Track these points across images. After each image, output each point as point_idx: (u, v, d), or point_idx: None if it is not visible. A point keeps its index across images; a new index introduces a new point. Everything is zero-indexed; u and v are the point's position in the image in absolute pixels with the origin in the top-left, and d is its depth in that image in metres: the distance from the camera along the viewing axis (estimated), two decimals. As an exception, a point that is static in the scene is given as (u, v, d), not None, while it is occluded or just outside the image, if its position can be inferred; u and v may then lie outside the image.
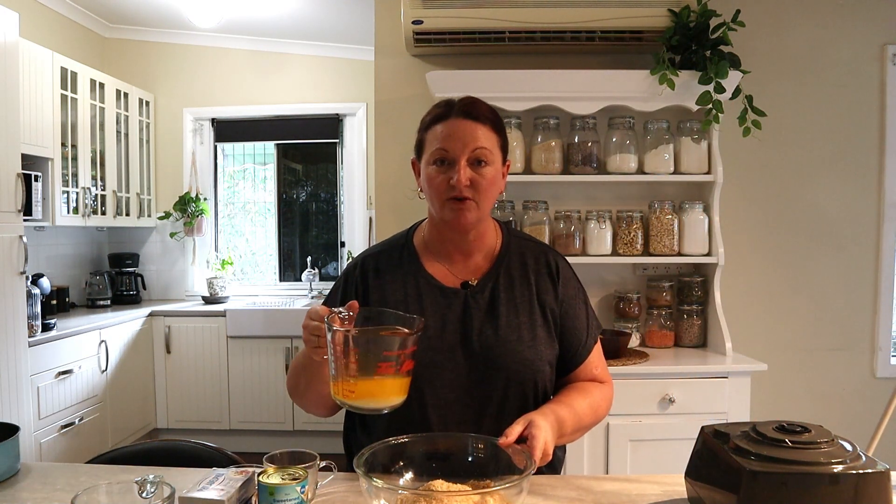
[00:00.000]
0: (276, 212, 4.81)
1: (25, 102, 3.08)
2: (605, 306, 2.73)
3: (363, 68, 4.23)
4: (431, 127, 1.23)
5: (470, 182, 1.19)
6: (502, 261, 1.30)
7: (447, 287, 1.27)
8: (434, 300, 1.25)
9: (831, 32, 2.74)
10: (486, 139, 1.21)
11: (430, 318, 1.23)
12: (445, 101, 1.25)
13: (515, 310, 1.25)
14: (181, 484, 1.03)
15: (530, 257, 1.31)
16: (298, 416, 4.00)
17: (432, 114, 1.25)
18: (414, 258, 1.30)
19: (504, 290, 1.26)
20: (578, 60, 2.67)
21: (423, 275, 1.28)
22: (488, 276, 1.28)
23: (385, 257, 1.32)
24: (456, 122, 1.20)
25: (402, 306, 1.23)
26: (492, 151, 1.21)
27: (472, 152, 1.19)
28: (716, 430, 1.07)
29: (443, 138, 1.20)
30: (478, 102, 1.24)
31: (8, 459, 1.17)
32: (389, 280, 1.28)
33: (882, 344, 2.79)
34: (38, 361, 2.94)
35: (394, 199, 2.77)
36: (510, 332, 1.23)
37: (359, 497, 1.12)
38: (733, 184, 2.64)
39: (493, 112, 1.25)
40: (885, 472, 0.93)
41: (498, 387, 1.21)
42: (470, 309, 1.25)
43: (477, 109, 1.22)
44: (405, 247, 1.32)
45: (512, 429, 1.05)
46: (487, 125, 1.22)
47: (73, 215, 3.63)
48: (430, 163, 1.22)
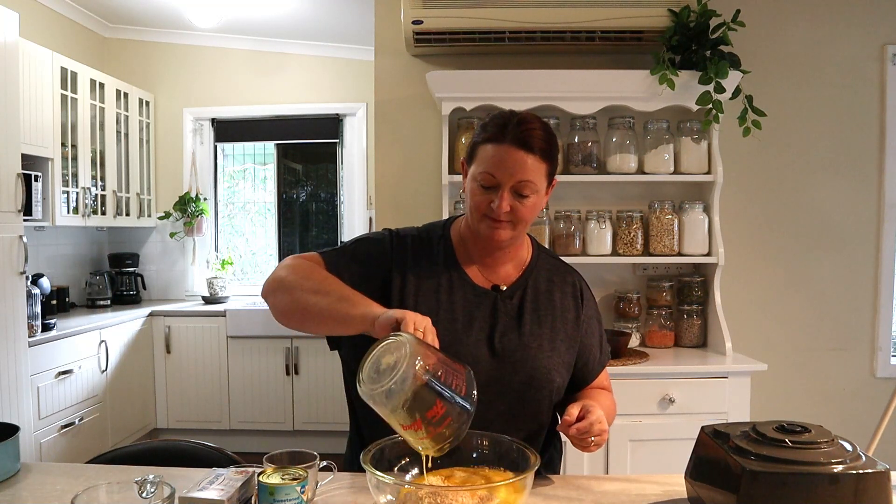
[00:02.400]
0: (276, 212, 4.81)
1: (25, 102, 3.08)
2: (605, 306, 2.73)
3: (363, 68, 4.23)
4: (484, 144, 1.22)
5: (510, 209, 1.21)
6: (531, 273, 1.33)
7: (479, 286, 1.30)
8: (465, 296, 1.28)
9: (831, 32, 2.74)
10: (533, 170, 1.19)
11: (460, 312, 1.26)
12: (503, 120, 1.21)
13: (539, 321, 1.29)
14: (181, 484, 1.04)
15: (556, 275, 1.35)
16: (298, 416, 4.00)
17: (488, 130, 1.22)
18: (450, 252, 1.32)
19: (530, 301, 1.30)
20: (578, 60, 2.67)
21: (457, 270, 1.30)
22: (517, 284, 1.31)
23: (424, 244, 1.33)
24: (507, 149, 1.18)
25: (434, 295, 1.26)
26: (536, 183, 1.20)
27: (517, 183, 1.19)
28: (716, 430, 1.07)
29: (492, 163, 1.20)
30: (533, 130, 1.19)
31: (8, 459, 1.17)
32: (426, 267, 1.29)
33: (882, 344, 2.79)
34: (38, 361, 2.94)
35: (394, 199, 2.77)
36: (532, 339, 1.26)
37: (359, 497, 1.12)
38: (733, 184, 2.64)
39: (547, 140, 1.21)
40: (885, 472, 0.93)
41: (513, 388, 1.24)
42: (497, 311, 1.27)
43: (531, 139, 1.19)
44: (443, 238, 1.34)
45: (570, 410, 1.13)
46: (538, 155, 1.19)
47: (73, 215, 3.63)
48: (476, 179, 1.23)
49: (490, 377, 1.22)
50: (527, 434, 1.25)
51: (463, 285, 1.29)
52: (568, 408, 1.14)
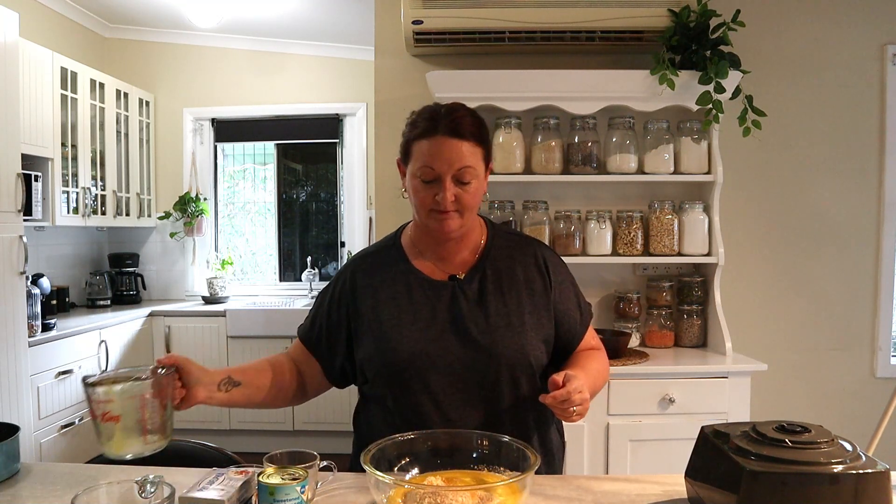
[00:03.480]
0: (276, 212, 4.81)
1: (25, 102, 3.08)
2: (605, 306, 2.73)
3: (363, 68, 4.23)
4: (417, 140, 1.24)
5: (455, 198, 1.23)
6: (488, 254, 1.35)
7: (435, 280, 1.32)
8: (423, 293, 1.31)
9: (831, 32, 2.74)
10: (470, 156, 1.23)
11: (421, 309, 1.29)
12: (430, 114, 1.25)
13: (503, 299, 1.30)
14: (181, 484, 1.04)
15: (516, 251, 1.36)
16: (298, 416, 4.00)
17: (419, 126, 1.25)
18: (402, 257, 1.36)
19: (491, 282, 1.31)
20: (578, 60, 2.67)
21: (411, 271, 1.33)
22: (475, 269, 1.33)
23: (376, 258, 1.38)
24: (441, 140, 1.21)
25: (392, 302, 1.30)
26: (475, 168, 1.24)
27: (457, 171, 1.22)
28: (716, 430, 1.07)
29: (428, 156, 1.22)
30: (463, 118, 1.23)
31: (8, 459, 1.17)
32: (380, 279, 1.34)
33: (882, 344, 2.79)
34: (38, 361, 2.94)
35: (394, 199, 2.77)
36: (499, 319, 1.28)
37: (359, 497, 1.12)
38: (733, 184, 2.64)
39: (476, 124, 1.25)
40: (885, 472, 0.93)
41: (489, 371, 1.25)
42: (458, 299, 1.29)
43: (462, 126, 1.22)
44: (393, 246, 1.38)
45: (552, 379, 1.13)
46: (472, 140, 1.23)
47: (73, 215, 3.63)
48: (416, 176, 1.25)
49: (464, 365, 1.25)
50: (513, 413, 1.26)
51: (419, 283, 1.31)
52: (551, 378, 1.15)
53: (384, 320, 1.28)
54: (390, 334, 1.27)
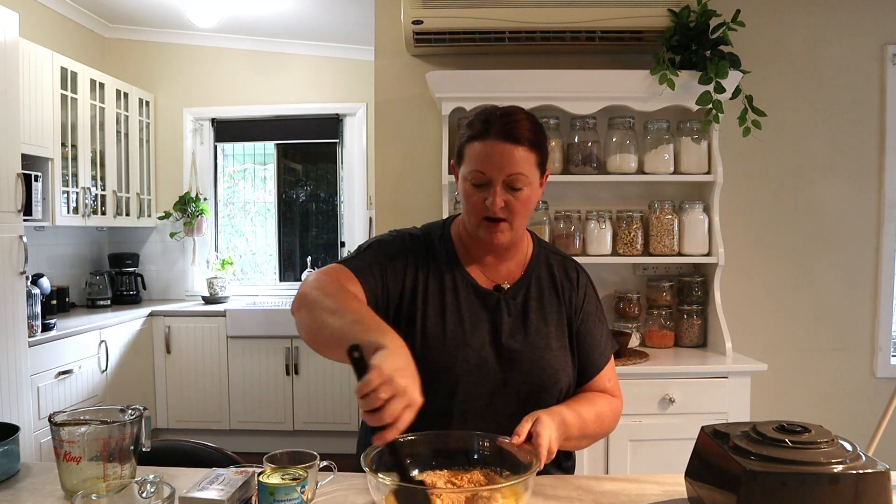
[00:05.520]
0: (276, 212, 4.81)
1: (25, 102, 3.08)
2: (606, 306, 2.70)
3: (363, 68, 4.23)
4: (471, 143, 1.21)
5: (505, 204, 1.19)
6: (533, 270, 1.32)
7: (481, 287, 1.29)
8: (468, 297, 1.27)
9: (831, 32, 2.74)
10: (523, 162, 1.18)
11: (466, 314, 1.25)
12: (486, 116, 1.21)
13: (544, 319, 1.28)
14: (181, 484, 1.04)
15: (557, 268, 1.34)
16: (298, 416, 4.00)
17: (474, 128, 1.22)
18: (451, 252, 1.31)
19: (535, 299, 1.29)
20: (578, 60, 2.67)
21: (460, 270, 1.29)
22: (520, 283, 1.30)
23: (426, 244, 1.32)
24: (494, 144, 1.18)
25: (439, 298, 1.25)
26: (528, 175, 1.19)
27: (508, 177, 1.18)
28: (716, 430, 1.07)
29: (480, 160, 1.19)
30: (518, 121, 1.19)
31: (8, 459, 1.17)
32: (429, 267, 1.28)
33: (882, 344, 2.79)
34: (38, 361, 2.94)
35: (394, 199, 2.77)
36: (539, 338, 1.26)
37: (359, 497, 1.12)
38: (733, 184, 2.64)
39: (533, 129, 1.20)
40: (885, 472, 0.93)
41: (522, 389, 1.23)
42: (502, 312, 1.27)
43: (516, 130, 1.18)
44: (443, 238, 1.33)
45: (521, 426, 1.08)
46: (526, 145, 1.19)
47: (73, 215, 3.63)
48: (467, 179, 1.22)
49: (497, 380, 1.22)
50: None
51: (466, 286, 1.28)
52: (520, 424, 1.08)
53: (429, 313, 1.24)
54: (432, 331, 1.23)
